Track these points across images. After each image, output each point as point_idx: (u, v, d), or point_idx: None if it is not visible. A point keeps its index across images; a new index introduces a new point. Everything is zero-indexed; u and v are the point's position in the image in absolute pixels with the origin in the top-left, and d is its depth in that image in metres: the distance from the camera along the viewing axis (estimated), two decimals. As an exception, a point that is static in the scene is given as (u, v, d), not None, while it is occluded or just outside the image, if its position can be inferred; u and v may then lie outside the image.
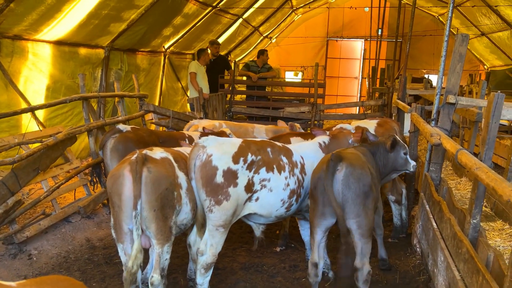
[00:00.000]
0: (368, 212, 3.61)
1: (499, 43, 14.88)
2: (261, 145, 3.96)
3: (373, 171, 3.91)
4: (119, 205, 3.39)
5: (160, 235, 3.44)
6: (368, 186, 3.62)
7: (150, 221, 3.39)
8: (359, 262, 3.66)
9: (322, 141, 4.56)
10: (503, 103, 3.11)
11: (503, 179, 2.38)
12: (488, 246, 3.03)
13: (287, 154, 4.09)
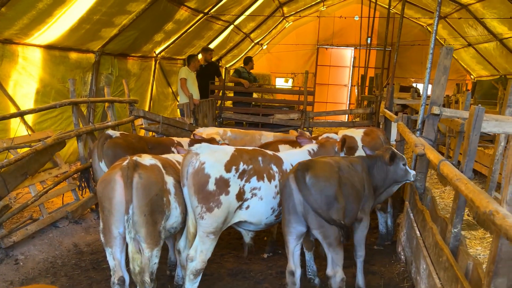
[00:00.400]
0: (333, 222, 3.61)
1: (485, 54, 15.20)
2: (253, 154, 4.03)
3: (354, 183, 3.96)
4: (110, 209, 3.45)
5: (150, 239, 3.51)
6: (331, 197, 3.62)
7: (140, 225, 3.45)
8: (331, 270, 3.74)
9: (311, 148, 4.66)
10: (483, 116, 3.22)
11: (481, 190, 2.47)
12: (468, 255, 3.12)
13: (277, 162, 4.16)
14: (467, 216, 5.14)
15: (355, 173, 4.11)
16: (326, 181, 3.66)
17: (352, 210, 3.97)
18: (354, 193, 3.96)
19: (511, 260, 2.24)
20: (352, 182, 3.96)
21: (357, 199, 4.03)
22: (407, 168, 4.38)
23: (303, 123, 10.72)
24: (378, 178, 4.33)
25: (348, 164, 4.12)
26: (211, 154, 3.77)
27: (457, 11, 13.83)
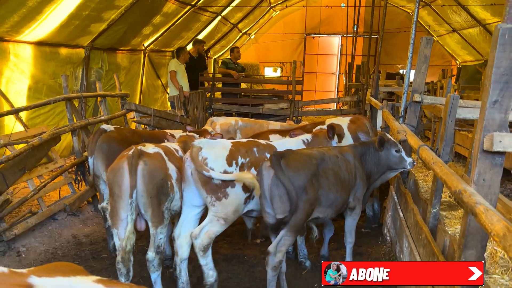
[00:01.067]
0: (298, 211, 3.75)
1: (470, 39, 15.47)
2: (248, 145, 4.27)
3: (341, 173, 4.10)
4: (119, 194, 3.77)
5: (155, 218, 3.87)
6: (299, 187, 3.74)
7: (147, 206, 3.82)
8: (273, 248, 3.88)
9: (305, 138, 4.93)
10: (458, 104, 3.45)
11: (453, 172, 2.71)
12: (445, 232, 3.37)
13: (271, 151, 4.39)
14: (449, 197, 5.43)
15: (345, 163, 4.21)
16: (295, 172, 3.77)
17: (337, 200, 4.10)
18: (339, 183, 4.08)
19: (478, 234, 2.48)
20: (338, 173, 4.07)
21: (344, 189, 4.14)
22: (402, 155, 4.41)
23: (292, 113, 10.94)
24: (371, 164, 4.45)
25: (336, 154, 4.22)
26: (211, 149, 4.01)
27: (441, -2, 14.06)
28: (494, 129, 2.28)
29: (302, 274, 4.74)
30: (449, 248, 3.16)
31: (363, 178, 4.38)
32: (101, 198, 5.16)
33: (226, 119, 6.99)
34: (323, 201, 4.01)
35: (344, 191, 4.17)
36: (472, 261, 2.50)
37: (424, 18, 17.07)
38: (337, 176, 4.09)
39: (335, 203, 4.13)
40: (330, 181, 4.02)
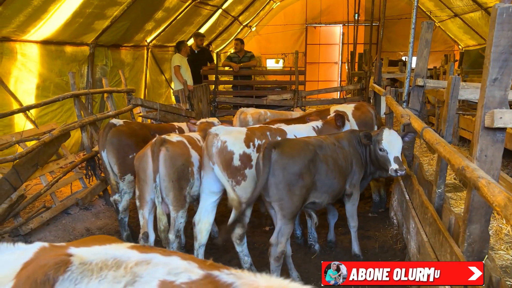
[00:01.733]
0: (294, 198, 3.86)
1: (472, 23, 15.40)
2: (261, 130, 4.54)
3: (338, 160, 4.19)
4: (144, 179, 4.11)
5: (177, 202, 4.13)
6: (294, 174, 3.83)
7: (169, 190, 4.09)
8: (275, 239, 4.00)
9: (315, 125, 5.11)
10: (459, 85, 3.52)
11: (456, 151, 2.79)
12: (451, 211, 3.46)
13: (281, 134, 4.64)
14: (453, 179, 5.51)
15: (341, 149, 4.33)
16: (291, 158, 3.86)
17: (333, 186, 4.21)
18: (337, 169, 4.19)
19: (482, 208, 2.57)
20: (335, 159, 4.18)
21: (341, 175, 4.24)
22: (388, 157, 4.28)
23: (295, 103, 11.00)
24: (366, 153, 4.52)
25: (333, 141, 4.32)
26: (229, 134, 4.22)
27: (441, -17, 14.00)
28: (495, 106, 2.36)
29: (312, 258, 4.85)
30: (454, 225, 3.25)
31: (359, 164, 4.47)
32: (113, 191, 5.28)
33: (255, 110, 7.25)
34: (319, 187, 4.11)
35: (341, 177, 4.26)
36: (476, 235, 2.59)
37: (425, 4, 17.00)
38: (335, 163, 4.18)
39: (332, 189, 4.23)
40: (329, 167, 4.12)
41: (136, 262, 1.59)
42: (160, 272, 1.57)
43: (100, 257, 1.60)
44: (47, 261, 1.59)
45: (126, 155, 5.16)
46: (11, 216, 4.84)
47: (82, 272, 1.56)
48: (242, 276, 1.57)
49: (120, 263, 1.58)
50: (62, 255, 1.59)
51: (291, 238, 5.23)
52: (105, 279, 1.53)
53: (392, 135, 4.33)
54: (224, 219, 5.91)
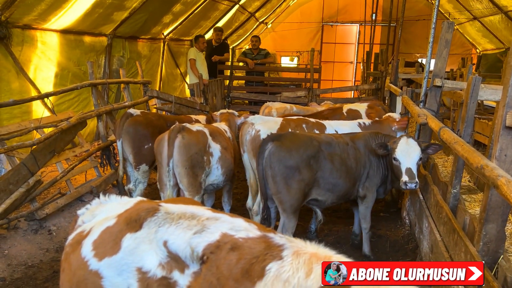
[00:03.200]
0: (291, 191, 3.88)
1: (491, 27, 15.20)
2: (298, 122, 4.70)
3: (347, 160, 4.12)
4: (160, 162, 4.29)
5: (191, 188, 4.27)
6: (290, 167, 3.84)
7: (183, 176, 4.24)
8: None
9: (362, 122, 5.18)
10: (479, 85, 3.49)
11: (474, 150, 2.77)
12: (466, 211, 3.44)
13: (319, 128, 4.79)
14: (468, 182, 5.46)
15: (354, 151, 4.24)
16: (287, 151, 3.86)
17: (338, 186, 4.14)
18: (344, 169, 4.13)
19: (499, 208, 2.55)
20: (344, 159, 4.12)
21: (348, 176, 4.17)
22: (400, 167, 4.04)
23: (309, 100, 10.99)
24: (386, 159, 4.33)
25: (346, 141, 4.24)
26: (264, 123, 4.43)
27: (461, -16, 13.83)
28: (517, 106, 2.34)
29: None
30: (469, 225, 3.23)
31: (375, 167, 4.33)
32: (128, 180, 5.35)
33: (281, 104, 7.43)
34: (321, 184, 4.08)
35: (348, 178, 4.18)
36: (492, 235, 2.58)
37: (444, 6, 16.80)
38: (342, 162, 4.11)
39: (336, 189, 4.17)
40: (334, 166, 4.06)
41: (208, 217, 1.93)
42: (224, 227, 1.88)
43: (181, 211, 1.99)
44: (142, 206, 2.05)
45: (141, 145, 5.23)
46: (27, 200, 4.93)
47: (165, 218, 1.94)
48: (293, 241, 1.81)
49: (195, 216, 1.95)
50: (154, 204, 2.03)
51: (303, 234, 5.25)
52: (180, 225, 1.91)
53: (410, 145, 4.07)
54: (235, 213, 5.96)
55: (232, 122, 5.56)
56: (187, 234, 1.87)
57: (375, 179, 4.38)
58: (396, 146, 4.10)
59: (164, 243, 1.90)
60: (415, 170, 4.01)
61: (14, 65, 6.38)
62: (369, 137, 4.37)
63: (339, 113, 6.31)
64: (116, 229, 1.98)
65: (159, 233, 1.91)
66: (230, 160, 4.72)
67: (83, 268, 1.97)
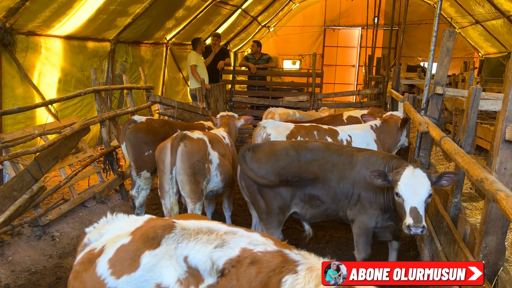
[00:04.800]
0: (265, 202, 3.81)
1: (493, 31, 15.21)
2: (309, 128, 4.78)
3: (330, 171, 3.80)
4: (162, 170, 4.31)
5: (193, 195, 4.31)
6: (262, 177, 3.74)
7: (185, 183, 4.27)
8: None
9: (374, 124, 5.26)
10: (480, 96, 3.51)
11: (475, 162, 2.80)
12: (466, 221, 3.46)
13: (332, 134, 4.85)
14: (469, 189, 5.48)
15: (345, 165, 3.80)
16: (257, 163, 3.80)
17: (316, 199, 3.85)
18: (321, 181, 3.79)
19: (499, 221, 2.57)
20: (323, 170, 3.78)
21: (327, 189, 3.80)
22: (404, 206, 3.27)
23: (311, 105, 11.01)
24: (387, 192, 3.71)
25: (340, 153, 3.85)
26: (275, 128, 4.55)
27: (464, -11, 13.86)
28: (516, 120, 2.37)
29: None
30: (470, 236, 3.25)
31: (370, 192, 3.70)
32: (133, 184, 5.42)
33: (284, 110, 7.50)
34: (298, 194, 3.83)
35: (327, 192, 3.80)
36: (492, 247, 2.60)
37: (446, 10, 16.82)
38: (322, 174, 3.76)
39: (315, 203, 3.86)
40: (313, 180, 3.75)
41: (225, 231, 2.01)
42: (243, 242, 1.98)
43: (197, 226, 2.06)
44: (156, 224, 2.11)
45: (142, 152, 5.28)
46: (31, 206, 4.97)
47: (183, 235, 2.01)
48: (308, 257, 1.93)
49: (212, 230, 2.02)
50: (167, 221, 2.10)
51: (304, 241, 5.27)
52: (200, 240, 1.99)
53: (416, 178, 3.28)
54: (236, 218, 5.99)
55: (232, 125, 5.57)
56: (208, 248, 1.95)
57: (368, 205, 3.73)
58: (399, 177, 3.32)
59: (185, 258, 1.97)
60: (422, 211, 3.19)
61: (18, 71, 6.43)
62: (376, 158, 3.78)
63: (339, 120, 6.34)
64: (132, 247, 2.02)
65: (179, 249, 1.98)
66: (228, 166, 4.76)
67: (100, 287, 2.01)
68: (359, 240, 3.94)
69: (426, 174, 3.29)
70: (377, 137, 5.16)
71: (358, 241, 3.95)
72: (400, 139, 5.39)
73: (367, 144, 5.07)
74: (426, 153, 5.31)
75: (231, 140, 5.16)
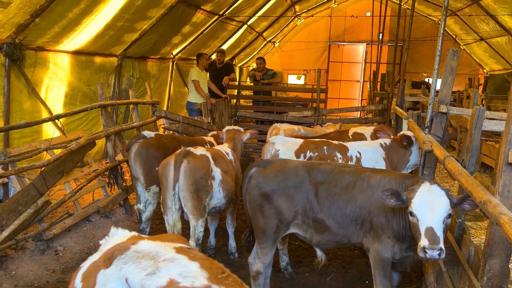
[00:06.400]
0: (263, 219, 3.79)
1: (498, 48, 15.27)
2: (319, 144, 4.81)
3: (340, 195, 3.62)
4: (166, 186, 4.33)
5: (195, 211, 4.32)
6: (264, 195, 3.69)
7: (187, 200, 4.28)
8: (252, 259, 4.12)
9: (383, 142, 5.27)
10: (484, 116, 3.52)
11: (478, 183, 2.79)
12: (471, 242, 3.43)
13: (342, 150, 4.85)
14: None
15: (356, 188, 3.62)
16: (264, 178, 3.75)
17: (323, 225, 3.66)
18: (328, 204, 3.64)
19: (503, 244, 2.56)
20: (332, 193, 3.64)
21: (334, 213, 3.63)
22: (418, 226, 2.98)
23: (316, 121, 11.04)
24: None
25: (355, 174, 3.68)
26: (284, 144, 4.58)
27: (468, 6, 13.95)
28: (519, 143, 2.37)
29: (327, 280, 4.84)
30: (474, 257, 3.23)
31: (382, 217, 3.46)
32: (138, 199, 5.44)
33: (289, 126, 7.53)
34: (302, 218, 3.71)
35: (334, 218, 3.62)
36: (496, 270, 2.58)
37: (450, 27, 16.93)
38: (329, 197, 3.61)
39: (320, 228, 3.68)
40: (318, 200, 3.62)
41: (165, 259, 2.00)
42: (175, 272, 1.95)
43: (149, 249, 2.07)
44: (120, 244, 2.16)
45: (152, 167, 5.34)
46: (36, 221, 4.99)
47: (131, 257, 2.05)
48: None
49: (155, 257, 2.02)
50: (130, 242, 2.15)
51: (307, 259, 5.25)
52: (139, 265, 2.01)
53: (433, 195, 3.01)
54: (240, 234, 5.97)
55: (237, 139, 5.59)
56: (142, 274, 1.99)
57: (381, 232, 3.47)
58: (413, 195, 3.04)
59: (126, 280, 2.04)
60: (440, 232, 2.89)
61: (26, 86, 6.53)
62: (388, 180, 3.57)
63: (345, 136, 6.35)
64: (97, 264, 2.13)
65: (123, 271, 2.04)
66: (231, 183, 4.76)
67: None
68: (375, 273, 3.59)
69: (444, 192, 3.03)
70: (385, 155, 5.17)
71: (375, 273, 3.60)
72: (410, 159, 5.30)
73: (375, 161, 5.08)
74: (430, 172, 5.30)
75: (235, 156, 5.17)
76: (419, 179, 3.43)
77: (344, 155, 4.82)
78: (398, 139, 5.29)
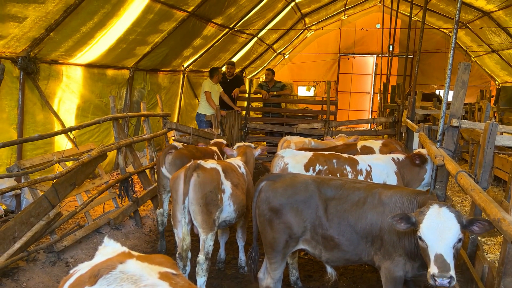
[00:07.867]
0: (272, 234, 3.74)
1: (510, 59, 15.17)
2: (328, 157, 4.80)
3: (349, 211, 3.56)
4: (176, 199, 4.34)
5: (205, 225, 4.30)
6: (273, 209, 3.67)
7: (197, 213, 4.27)
8: (262, 274, 4.08)
9: (396, 157, 5.22)
10: (496, 132, 3.49)
11: (492, 200, 2.76)
12: (484, 259, 3.38)
13: (351, 163, 4.82)
14: (487, 223, 5.36)
15: (366, 204, 3.54)
16: (274, 192, 3.73)
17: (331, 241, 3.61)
18: (337, 220, 3.59)
19: (518, 262, 2.52)
20: (341, 210, 3.57)
21: (343, 230, 3.56)
22: (428, 252, 2.90)
23: (326, 132, 11.02)
24: None
25: (367, 190, 3.61)
26: (293, 157, 4.59)
27: (479, 19, 13.91)
28: (533, 160, 2.34)
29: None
30: (488, 274, 3.18)
31: (393, 234, 3.37)
32: (160, 204, 5.90)
33: (300, 138, 7.55)
34: (311, 234, 3.67)
35: (344, 235, 3.55)
36: (511, 289, 2.53)
37: (461, 39, 16.87)
38: (339, 214, 3.57)
39: (330, 245, 3.63)
40: (330, 217, 3.56)
41: (146, 284, 1.97)
42: None
43: (133, 272, 2.03)
44: (107, 261, 2.12)
45: None
46: (47, 233, 5.03)
47: (116, 278, 2.00)
48: None
49: (137, 281, 1.99)
50: (118, 261, 2.11)
51: (317, 273, 5.20)
52: (119, 287, 1.97)
53: (442, 219, 2.89)
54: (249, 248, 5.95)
55: (249, 154, 5.60)
56: None
57: (392, 250, 3.38)
58: (421, 218, 2.93)
59: None
60: (450, 258, 2.79)
61: (40, 98, 6.62)
62: (400, 196, 3.49)
63: (353, 149, 6.33)
64: (83, 278, 2.11)
65: None
66: (242, 196, 4.72)
67: None
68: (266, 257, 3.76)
69: (454, 215, 2.88)
70: (397, 170, 5.09)
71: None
72: (425, 177, 5.22)
73: (386, 175, 5.03)
74: (442, 186, 5.23)
75: (247, 169, 5.16)
76: (430, 196, 3.43)
77: (354, 168, 4.78)
78: (412, 156, 5.24)
